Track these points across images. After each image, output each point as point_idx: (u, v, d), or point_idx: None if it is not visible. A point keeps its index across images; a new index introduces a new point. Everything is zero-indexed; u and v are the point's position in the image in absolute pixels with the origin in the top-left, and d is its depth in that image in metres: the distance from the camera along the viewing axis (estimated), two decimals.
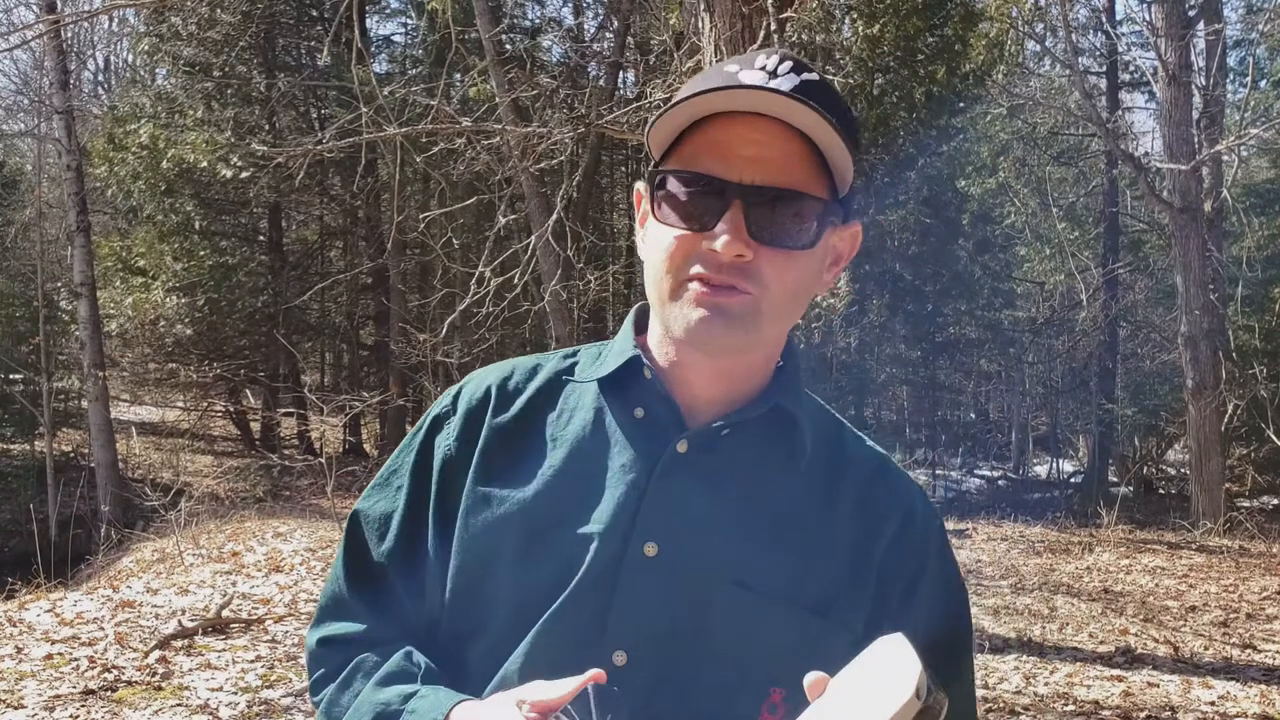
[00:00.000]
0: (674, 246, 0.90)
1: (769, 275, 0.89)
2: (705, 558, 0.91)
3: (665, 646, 0.89)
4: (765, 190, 0.88)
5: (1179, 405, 13.53)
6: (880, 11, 10.90)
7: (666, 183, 0.91)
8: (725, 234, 0.87)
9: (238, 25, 14.76)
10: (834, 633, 0.91)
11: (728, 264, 0.88)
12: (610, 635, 0.89)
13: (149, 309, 15.13)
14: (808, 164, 0.90)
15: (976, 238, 18.74)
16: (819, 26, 7.49)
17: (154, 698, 4.48)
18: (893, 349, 18.29)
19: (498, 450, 0.97)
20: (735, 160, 0.88)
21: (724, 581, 0.90)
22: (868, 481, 0.99)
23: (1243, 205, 13.61)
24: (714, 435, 0.94)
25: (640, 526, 0.91)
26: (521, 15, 16.49)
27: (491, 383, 1.02)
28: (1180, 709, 4.69)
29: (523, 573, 0.92)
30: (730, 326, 0.89)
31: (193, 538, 9.32)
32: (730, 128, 0.89)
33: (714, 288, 0.88)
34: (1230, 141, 11.25)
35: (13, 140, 22.39)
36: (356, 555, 1.03)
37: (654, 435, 0.94)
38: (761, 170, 0.88)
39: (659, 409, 0.95)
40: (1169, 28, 11.37)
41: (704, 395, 0.96)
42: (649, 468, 0.93)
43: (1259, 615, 6.68)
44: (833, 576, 0.93)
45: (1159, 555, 9.02)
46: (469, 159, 9.07)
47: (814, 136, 0.89)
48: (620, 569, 0.90)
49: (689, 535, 0.91)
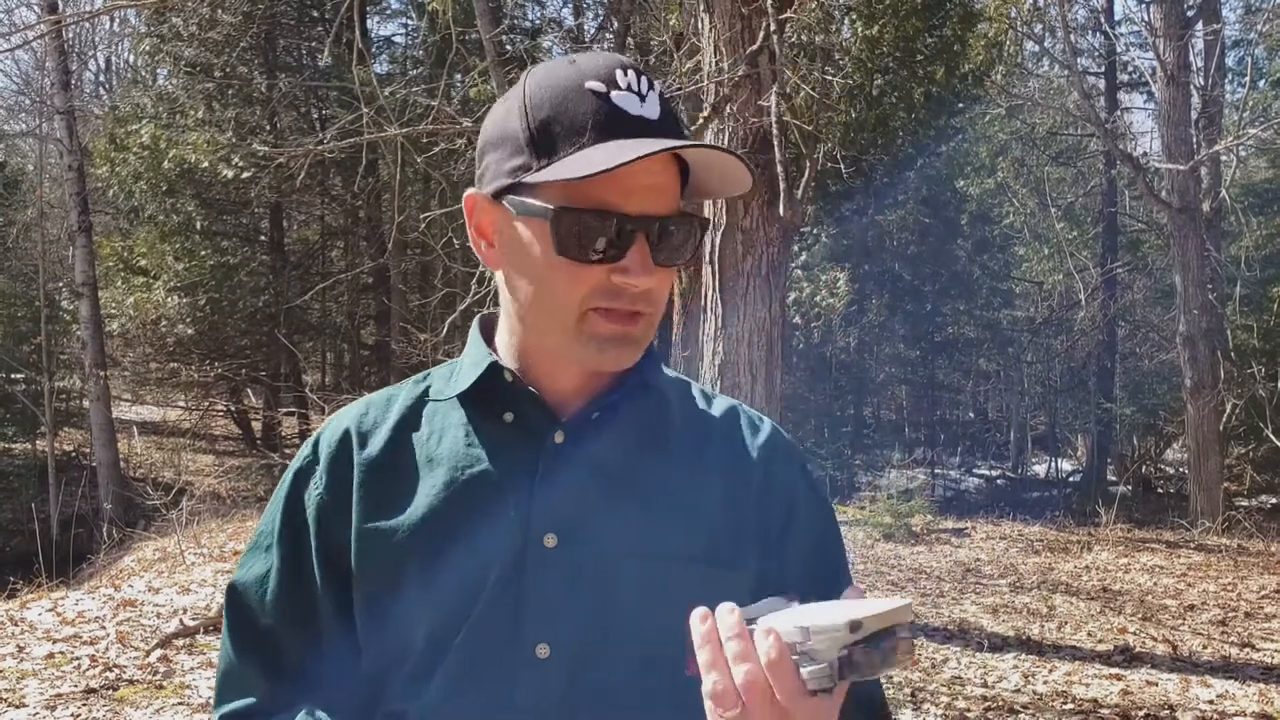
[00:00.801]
0: (581, 280, 0.91)
1: (659, 293, 0.94)
2: (602, 537, 0.94)
3: (583, 630, 0.92)
4: (665, 220, 0.91)
5: (1177, 404, 13.56)
6: (879, 12, 10.91)
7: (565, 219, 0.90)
8: (636, 268, 0.90)
9: (239, 26, 14.78)
10: (734, 579, 0.95)
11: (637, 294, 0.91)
12: (529, 630, 0.92)
13: (150, 309, 15.14)
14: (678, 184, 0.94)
15: (975, 238, 18.75)
16: (818, 27, 7.51)
17: (155, 696, 4.49)
18: (892, 348, 18.31)
19: (374, 484, 0.98)
20: (634, 192, 0.89)
21: (624, 555, 0.94)
22: (728, 432, 1.03)
23: (1241, 205, 13.64)
24: (587, 421, 0.97)
25: (535, 521, 0.93)
26: (522, 16, 16.50)
27: (348, 424, 1.02)
28: (1179, 707, 4.70)
29: (432, 591, 0.94)
30: (638, 349, 0.94)
31: (194, 537, 9.33)
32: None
33: (622, 315, 0.92)
34: (1228, 141, 11.27)
35: (14, 140, 22.39)
36: (241, 625, 1.02)
37: (528, 433, 0.97)
38: (657, 199, 0.91)
39: (528, 408, 0.98)
40: (1167, 28, 11.40)
41: (567, 385, 0.99)
42: (532, 464, 0.95)
43: (1257, 614, 6.69)
44: (720, 527, 0.97)
45: (1157, 554, 9.03)
46: (470, 159, 9.07)
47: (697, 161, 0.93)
48: (525, 565, 0.93)
49: (583, 520, 0.94)
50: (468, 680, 0.92)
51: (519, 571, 0.93)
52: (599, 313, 0.91)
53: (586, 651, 0.92)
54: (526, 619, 0.92)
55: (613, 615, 0.93)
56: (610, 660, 0.93)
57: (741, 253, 5.18)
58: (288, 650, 0.99)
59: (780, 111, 4.75)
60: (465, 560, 0.94)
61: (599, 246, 0.90)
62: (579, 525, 0.94)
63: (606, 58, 0.94)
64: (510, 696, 0.92)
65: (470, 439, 0.98)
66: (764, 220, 5.16)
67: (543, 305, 0.94)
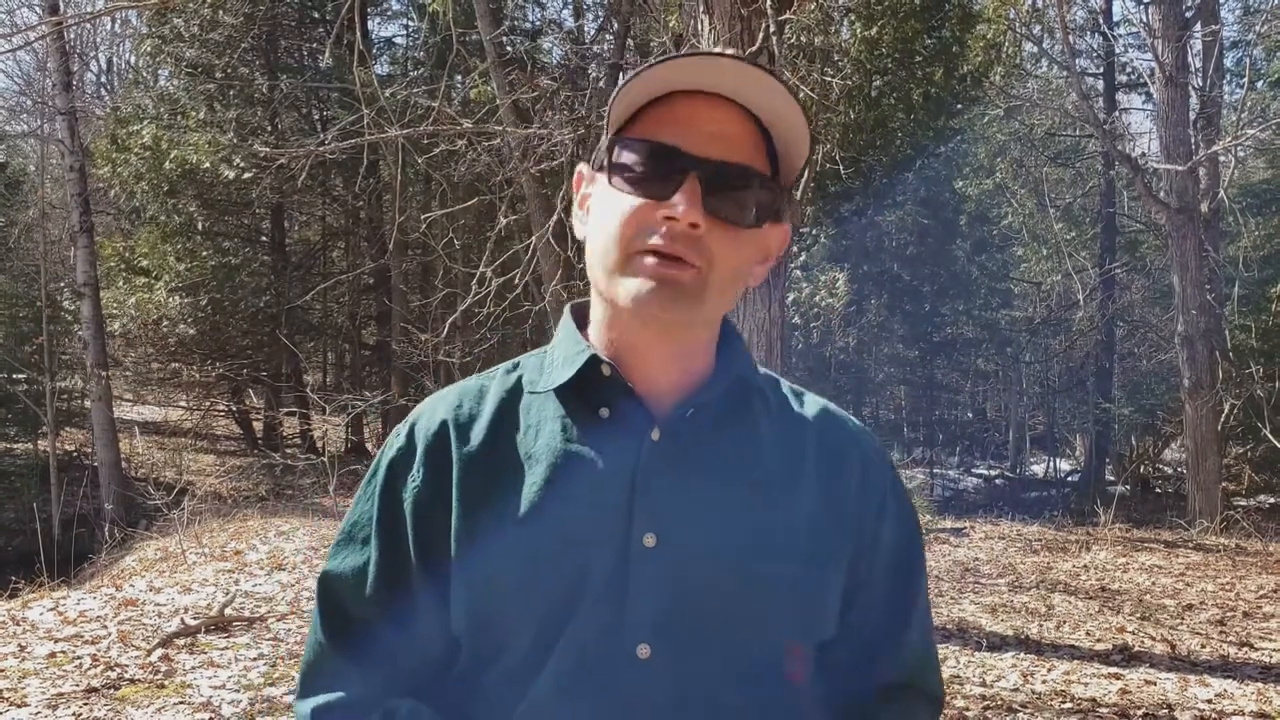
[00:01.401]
0: (628, 215, 0.91)
1: (716, 250, 0.91)
2: (702, 538, 0.93)
3: (683, 631, 0.92)
4: (722, 165, 0.90)
5: (1176, 404, 13.56)
6: (878, 14, 10.92)
7: (624, 152, 0.92)
8: (682, 203, 0.88)
9: (240, 27, 14.79)
10: (830, 579, 0.97)
11: (680, 234, 0.89)
12: (630, 631, 0.92)
13: (152, 309, 15.15)
14: (760, 148, 0.93)
15: (974, 238, 18.77)
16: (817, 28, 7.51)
17: (157, 695, 4.49)
18: (891, 349, 18.32)
19: (474, 479, 0.97)
20: (695, 134, 0.90)
21: (724, 556, 0.93)
22: (822, 432, 1.03)
23: (1239, 205, 13.63)
24: (683, 419, 0.96)
25: (636, 521, 0.93)
26: (522, 17, 16.50)
27: (444, 416, 1.01)
28: (1177, 707, 4.70)
29: (533, 590, 0.93)
30: (678, 299, 0.91)
31: (195, 536, 9.34)
32: (691, 105, 0.91)
33: (665, 259, 0.90)
34: (1227, 142, 11.27)
35: (16, 141, 22.39)
36: (334, 616, 1.01)
37: (625, 431, 0.96)
38: (720, 145, 0.90)
39: (623, 405, 0.96)
40: (1166, 29, 11.41)
41: (662, 381, 0.97)
42: (630, 463, 0.94)
43: (1255, 613, 6.69)
44: (817, 528, 0.98)
45: (1156, 554, 9.03)
46: (470, 160, 9.10)
47: (771, 118, 0.93)
48: (625, 565, 0.92)
49: (683, 520, 0.93)
50: (573, 681, 0.91)
51: (620, 572, 0.92)
52: (646, 253, 0.91)
53: (686, 651, 0.92)
54: (627, 619, 0.92)
55: (711, 616, 0.93)
56: (710, 660, 0.93)
57: None
58: (382, 644, 0.98)
59: None
60: (566, 560, 0.93)
61: (648, 180, 0.90)
62: (678, 524, 0.93)
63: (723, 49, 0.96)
64: (616, 697, 0.91)
65: (568, 434, 0.97)
66: None
67: (598, 249, 0.94)
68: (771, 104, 0.92)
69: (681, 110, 0.91)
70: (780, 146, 0.95)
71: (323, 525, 9.65)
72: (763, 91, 0.91)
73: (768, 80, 0.90)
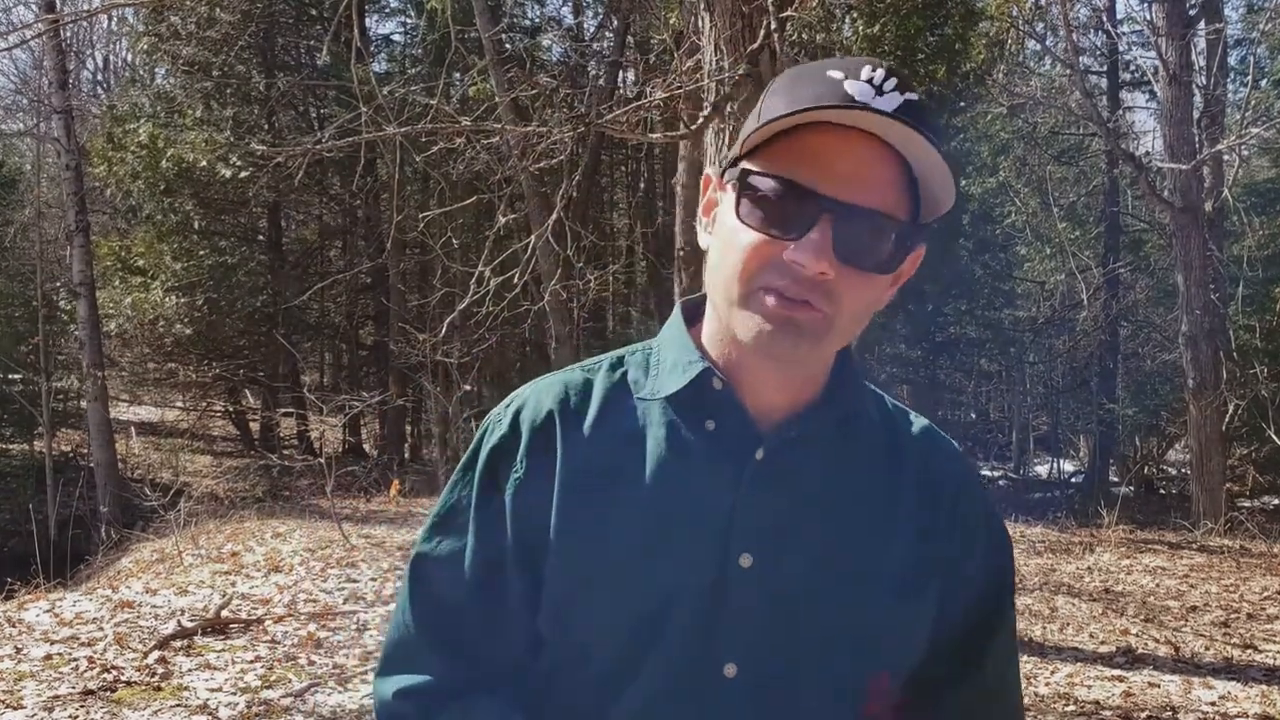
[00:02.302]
0: (753, 250, 0.88)
1: (844, 295, 0.88)
2: (798, 562, 0.93)
3: (771, 653, 0.92)
4: (857, 210, 0.86)
5: (1180, 405, 13.53)
6: (880, 11, 10.89)
7: (756, 183, 0.88)
8: (812, 249, 0.85)
9: (237, 24, 14.75)
10: (921, 609, 0.96)
11: (807, 279, 0.86)
12: (720, 649, 0.92)
13: (148, 309, 15.12)
14: (900, 188, 0.88)
15: (977, 237, 18.72)
16: (819, 25, 7.48)
17: (153, 698, 4.47)
18: (893, 348, 18.27)
19: (577, 479, 0.95)
20: (831, 174, 0.86)
21: (818, 582, 0.93)
22: (923, 457, 1.02)
23: (1243, 205, 13.61)
24: (788, 441, 0.95)
25: (734, 540, 0.92)
26: (521, 14, 16.48)
27: (551, 406, 0.99)
28: (1181, 709, 4.68)
29: (624, 599, 0.93)
30: (799, 342, 0.88)
31: (192, 538, 9.30)
32: (829, 139, 0.86)
33: (789, 301, 0.87)
34: (1231, 141, 11.24)
35: (12, 140, 22.38)
36: (424, 600, 1.00)
37: (730, 447, 0.94)
38: (857, 188, 0.86)
39: (730, 420, 0.95)
40: (1170, 27, 11.37)
41: (771, 401, 0.96)
42: (733, 480, 0.93)
43: (1260, 615, 6.67)
44: (913, 559, 0.96)
45: (1160, 555, 9.01)
46: (468, 158, 9.06)
47: (913, 160, 0.88)
48: (721, 583, 0.92)
49: (780, 542, 0.93)
50: (662, 694, 0.92)
51: (714, 590, 0.92)
52: (769, 291, 0.87)
53: (773, 675, 0.92)
54: (718, 637, 0.92)
55: (802, 641, 0.92)
56: (796, 686, 0.93)
57: None
58: (470, 633, 0.98)
59: None
60: (662, 572, 0.92)
61: (777, 218, 0.87)
62: (776, 547, 0.92)
63: (863, 59, 0.89)
64: (701, 715, 0.92)
65: (674, 444, 0.95)
66: None
67: (721, 275, 0.91)
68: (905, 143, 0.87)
69: (818, 144, 0.86)
70: (923, 183, 0.90)
71: (320, 527, 9.61)
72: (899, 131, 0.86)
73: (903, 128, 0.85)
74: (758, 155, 0.89)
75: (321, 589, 6.64)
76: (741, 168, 0.90)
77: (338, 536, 8.59)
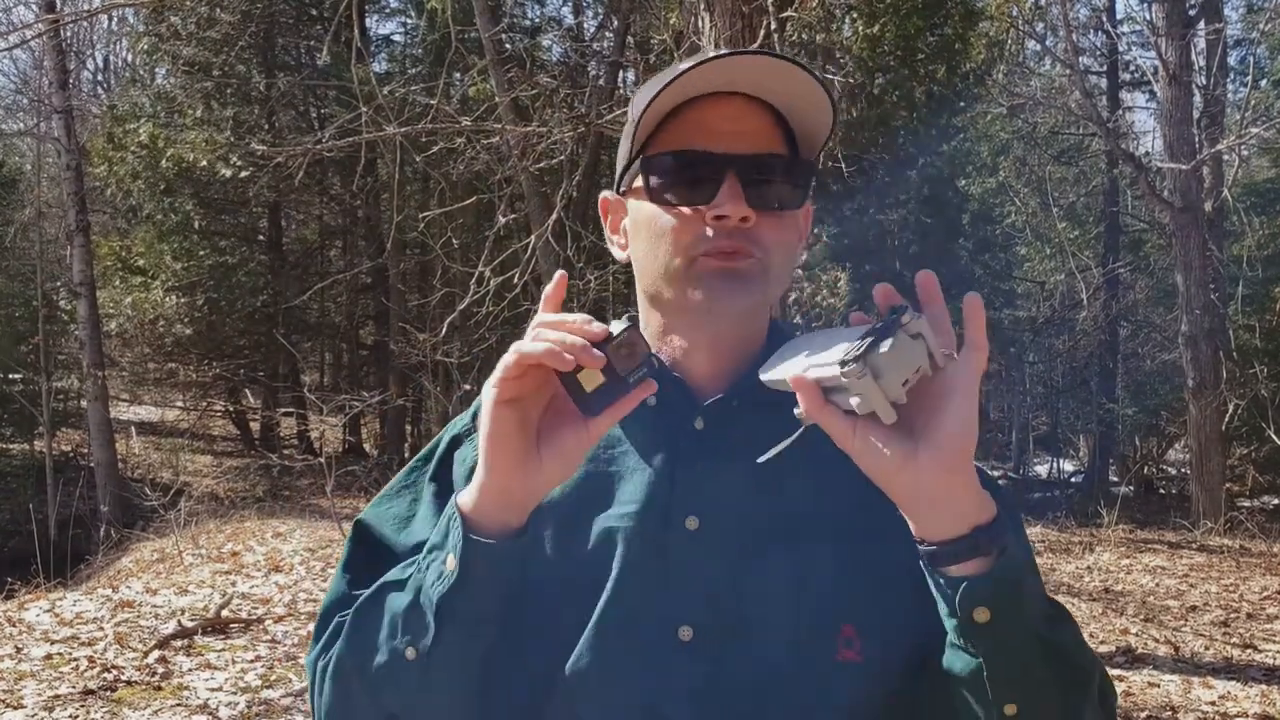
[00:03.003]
0: (680, 224, 0.94)
1: (768, 238, 0.94)
2: (745, 521, 0.95)
3: (724, 614, 0.92)
4: (754, 157, 0.93)
5: (1179, 405, 13.54)
6: (880, 11, 10.89)
7: (656, 168, 0.95)
8: (729, 200, 0.92)
9: (237, 25, 14.74)
10: (887, 553, 0.92)
11: (734, 229, 0.92)
12: (671, 611, 0.93)
13: (148, 308, 15.13)
14: (777, 131, 0.96)
15: (977, 237, 18.69)
16: (819, 26, 7.47)
17: (153, 698, 4.47)
18: None
19: None
20: (718, 134, 0.93)
21: (768, 539, 0.94)
22: None
23: (1243, 205, 13.62)
24: (726, 408, 0.98)
25: (677, 504, 0.95)
26: (521, 14, 16.47)
27: None
28: (1181, 709, 4.69)
29: (574, 567, 0.95)
30: (747, 289, 0.94)
31: (192, 538, 9.31)
32: (704, 109, 0.94)
33: (726, 255, 0.93)
34: (1231, 141, 11.25)
35: (12, 140, 22.36)
36: (360, 562, 1.02)
37: (670, 418, 0.98)
38: (745, 140, 0.93)
39: (670, 393, 0.98)
40: (1169, 27, 11.37)
41: (708, 372, 1.00)
42: (673, 448, 0.97)
43: (1259, 615, 6.67)
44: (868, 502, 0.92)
45: (1159, 555, 9.01)
46: (468, 158, 9.05)
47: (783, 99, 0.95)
48: (667, 548, 0.94)
49: (725, 504, 0.95)
50: (618, 661, 0.92)
51: (661, 554, 0.94)
52: (706, 255, 0.93)
53: (729, 635, 0.92)
54: (669, 602, 0.93)
55: (755, 598, 0.93)
56: (754, 644, 0.93)
57: None
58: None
59: None
60: (607, 541, 0.95)
61: (688, 188, 0.94)
62: (721, 509, 0.95)
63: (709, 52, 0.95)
64: (661, 680, 0.92)
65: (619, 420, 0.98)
66: None
67: (657, 262, 0.96)
68: (784, 87, 0.94)
69: (698, 115, 0.95)
70: (797, 124, 0.97)
71: (320, 526, 9.62)
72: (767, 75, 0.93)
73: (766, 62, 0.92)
74: (650, 147, 0.97)
75: (322, 589, 6.64)
76: (643, 158, 0.96)
77: (338, 536, 8.60)
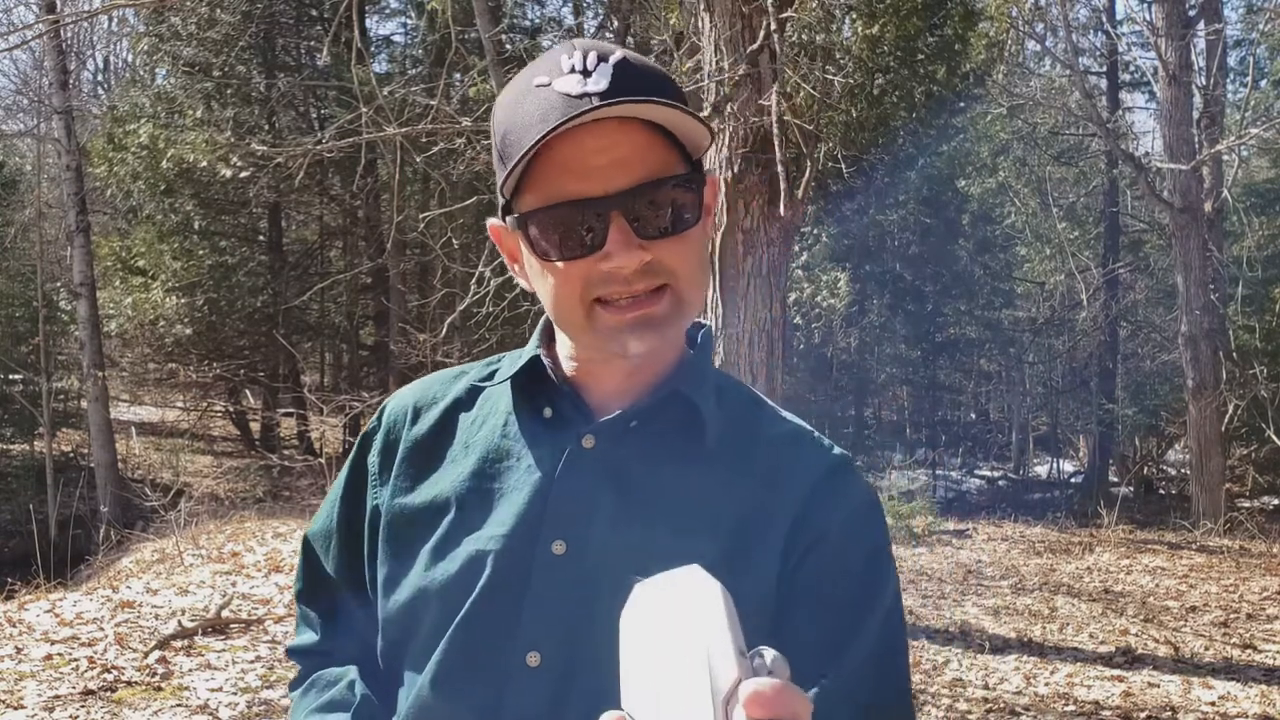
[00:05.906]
0: (572, 277, 0.88)
1: (673, 262, 0.88)
2: (612, 551, 0.89)
3: (577, 644, 0.88)
4: (638, 190, 0.85)
5: (1179, 405, 13.53)
6: (880, 11, 10.90)
7: (537, 223, 0.87)
8: (620, 249, 0.85)
9: (237, 25, 14.75)
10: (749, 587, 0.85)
11: (634, 273, 0.86)
12: (523, 637, 0.89)
13: (148, 309, 15.12)
14: (658, 146, 0.87)
15: (976, 237, 18.69)
16: (819, 26, 7.48)
17: (154, 698, 4.47)
18: (893, 349, 18.25)
19: (413, 461, 0.99)
20: (594, 172, 0.85)
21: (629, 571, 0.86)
22: (778, 453, 0.95)
23: (1243, 205, 13.62)
24: (620, 428, 0.93)
25: (547, 526, 0.91)
26: (521, 15, 16.47)
27: (413, 399, 1.04)
28: (1181, 709, 4.69)
29: (435, 583, 0.93)
30: (664, 326, 0.89)
31: (192, 538, 9.31)
32: (574, 145, 0.85)
33: (631, 300, 0.87)
34: (1230, 141, 11.25)
35: (12, 140, 22.37)
36: (308, 573, 1.09)
37: (562, 433, 0.94)
38: (622, 172, 0.85)
39: (567, 408, 0.95)
40: (1169, 27, 11.37)
41: (612, 389, 0.95)
42: (554, 466, 0.93)
43: (1259, 615, 6.67)
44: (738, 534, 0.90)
45: (1159, 555, 9.01)
46: (469, 159, 9.03)
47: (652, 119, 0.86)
48: (529, 570, 0.90)
49: (596, 530, 0.90)
50: (458, 678, 0.91)
51: (522, 576, 0.90)
52: (601, 305, 0.88)
53: (577, 665, 0.88)
54: (521, 625, 0.90)
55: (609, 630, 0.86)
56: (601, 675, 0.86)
57: (742, 253, 5.15)
58: (342, 603, 1.05)
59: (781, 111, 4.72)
60: (473, 555, 0.92)
61: (572, 240, 0.86)
62: (590, 535, 0.90)
63: (558, 47, 0.88)
64: (497, 702, 0.89)
65: (507, 430, 0.97)
66: (764, 220, 5.13)
67: (556, 312, 0.92)
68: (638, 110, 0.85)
69: (565, 153, 0.85)
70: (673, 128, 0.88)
71: None
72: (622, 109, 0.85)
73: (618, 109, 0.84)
74: (522, 192, 0.89)
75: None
76: (517, 215, 0.89)
77: None
